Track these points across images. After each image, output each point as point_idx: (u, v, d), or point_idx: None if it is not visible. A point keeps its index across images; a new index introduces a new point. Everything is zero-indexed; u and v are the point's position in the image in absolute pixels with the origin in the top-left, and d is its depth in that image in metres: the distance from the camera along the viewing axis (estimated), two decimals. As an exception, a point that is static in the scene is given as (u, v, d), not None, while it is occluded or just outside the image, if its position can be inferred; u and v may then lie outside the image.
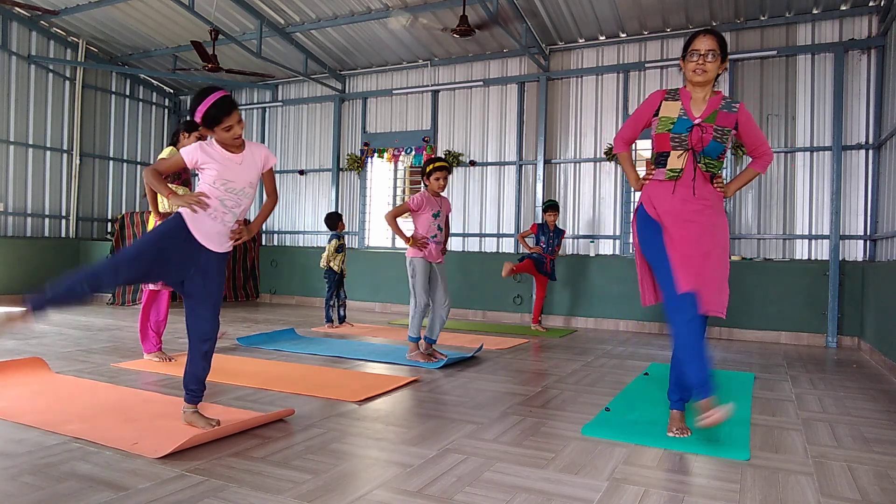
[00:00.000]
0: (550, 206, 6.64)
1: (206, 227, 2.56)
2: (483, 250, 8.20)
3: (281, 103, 9.75)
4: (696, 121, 2.70)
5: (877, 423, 3.13)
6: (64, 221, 9.00)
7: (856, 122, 6.36)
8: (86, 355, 4.42)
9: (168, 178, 4.20)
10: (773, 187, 6.72)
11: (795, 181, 6.63)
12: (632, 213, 2.93)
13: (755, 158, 2.85)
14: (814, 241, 6.54)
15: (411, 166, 8.84)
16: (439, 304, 4.56)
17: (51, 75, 8.72)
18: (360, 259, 8.65)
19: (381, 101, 9.02)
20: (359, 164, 8.99)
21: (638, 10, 6.86)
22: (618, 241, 7.43)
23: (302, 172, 9.55)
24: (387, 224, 4.57)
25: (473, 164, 8.23)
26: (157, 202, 4.07)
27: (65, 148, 8.95)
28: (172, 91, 10.45)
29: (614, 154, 3.10)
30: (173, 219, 2.56)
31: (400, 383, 3.71)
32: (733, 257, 6.69)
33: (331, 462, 2.31)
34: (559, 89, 7.84)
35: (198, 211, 2.51)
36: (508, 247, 8.05)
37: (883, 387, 4.09)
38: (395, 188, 8.98)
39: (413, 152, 8.64)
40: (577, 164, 7.70)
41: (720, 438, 2.70)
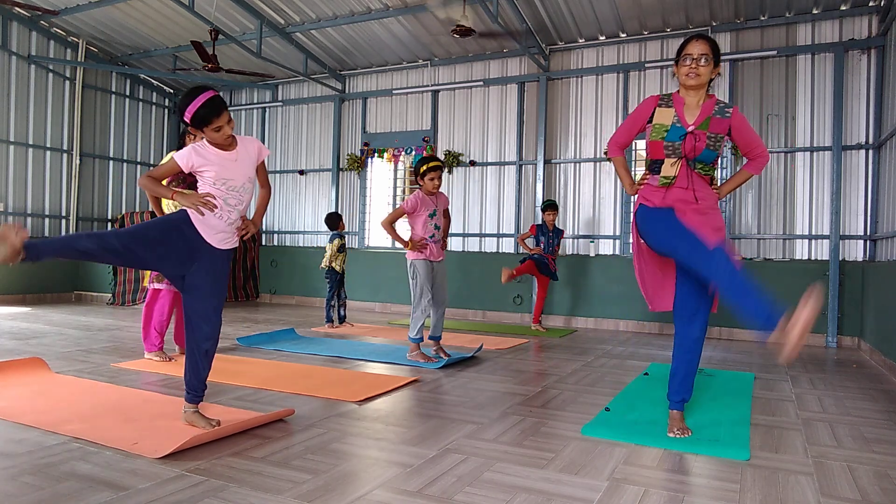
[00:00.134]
0: (549, 206, 6.63)
1: (212, 225, 2.57)
2: (483, 250, 8.20)
3: (281, 103, 9.75)
4: (690, 128, 2.71)
5: (877, 423, 3.14)
6: (64, 221, 9.00)
7: (856, 122, 6.36)
8: (86, 355, 4.42)
9: (173, 183, 4.21)
10: (773, 187, 6.72)
11: (795, 181, 6.63)
12: (631, 214, 2.93)
13: (750, 160, 2.86)
14: (814, 241, 6.54)
15: (411, 166, 8.83)
16: (439, 303, 4.58)
17: (51, 75, 8.72)
18: (360, 259, 8.65)
19: (381, 101, 9.02)
20: (359, 164, 8.99)
21: (638, 10, 6.86)
22: (618, 241, 7.43)
23: (302, 172, 9.55)
24: (384, 231, 4.54)
25: (473, 164, 8.23)
26: (162, 206, 4.06)
27: (65, 148, 8.95)
28: (172, 91, 10.44)
29: (609, 158, 3.09)
30: (180, 212, 2.57)
31: (400, 383, 3.72)
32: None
33: (331, 462, 2.31)
34: (559, 89, 7.84)
35: (204, 213, 2.52)
36: (508, 247, 8.05)
37: (883, 387, 4.09)
38: (395, 188, 8.98)
39: (413, 152, 8.64)
40: (577, 164, 7.70)
41: (720, 438, 2.70)
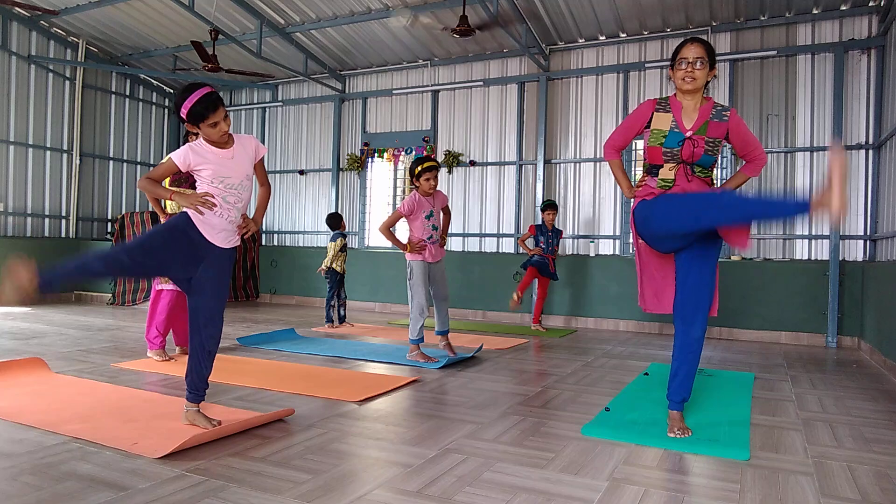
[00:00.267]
0: (549, 206, 6.63)
1: (213, 224, 2.57)
2: (483, 250, 8.20)
3: (281, 103, 9.75)
4: (688, 133, 2.71)
5: (877, 423, 3.13)
6: (64, 221, 9.00)
7: (856, 122, 6.36)
8: (86, 355, 4.42)
9: (174, 184, 4.21)
10: (772, 187, 6.71)
11: (795, 181, 6.62)
12: (631, 213, 2.93)
13: (748, 162, 2.86)
14: (814, 241, 6.54)
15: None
16: (440, 299, 4.59)
17: (51, 75, 8.72)
18: (360, 259, 8.65)
19: (381, 101, 9.02)
20: (359, 164, 8.99)
21: (638, 10, 6.86)
22: (618, 241, 7.43)
23: (302, 172, 9.55)
24: (382, 236, 4.53)
25: (473, 164, 8.23)
26: (164, 207, 4.07)
27: (65, 148, 8.95)
28: (172, 91, 10.43)
29: (607, 160, 3.08)
30: (181, 215, 2.57)
31: (400, 383, 3.71)
32: (733, 257, 6.69)
33: (331, 462, 2.31)
34: (559, 89, 7.84)
35: (204, 213, 2.52)
36: (508, 247, 8.05)
37: (883, 387, 4.09)
38: (395, 188, 8.98)
39: (413, 152, 8.64)
40: (577, 164, 7.70)
41: (720, 438, 2.70)
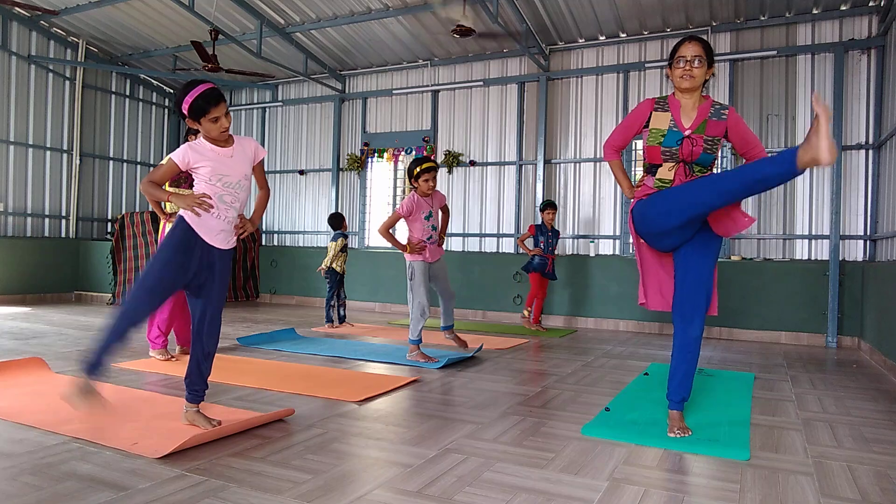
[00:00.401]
0: (548, 205, 6.64)
1: (211, 226, 2.56)
2: (483, 250, 8.20)
3: (281, 103, 9.75)
4: (687, 132, 2.71)
5: (877, 423, 3.13)
6: (64, 221, 9.00)
7: (856, 122, 6.36)
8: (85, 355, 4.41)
9: (174, 184, 4.21)
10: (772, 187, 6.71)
11: (795, 181, 6.62)
12: (629, 214, 2.94)
13: (748, 160, 2.82)
14: (814, 241, 6.54)
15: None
16: (446, 298, 4.62)
17: (51, 75, 8.72)
18: (360, 259, 8.65)
19: (381, 101, 9.02)
20: (359, 164, 8.99)
21: (638, 10, 6.86)
22: (617, 241, 7.44)
23: (302, 172, 9.55)
24: (382, 238, 4.52)
25: (473, 164, 8.23)
26: (163, 207, 4.06)
27: (65, 148, 8.95)
28: (172, 91, 10.43)
29: (607, 160, 3.09)
30: (178, 226, 2.55)
31: (400, 383, 3.71)
32: (733, 257, 6.69)
33: (331, 462, 2.31)
34: (559, 89, 7.84)
35: (200, 214, 2.51)
36: (508, 247, 8.05)
37: (883, 387, 4.09)
38: (395, 188, 8.98)
39: (413, 152, 8.64)
40: (577, 164, 7.70)
41: (720, 438, 2.70)
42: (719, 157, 6.84)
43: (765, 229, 6.73)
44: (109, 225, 9.54)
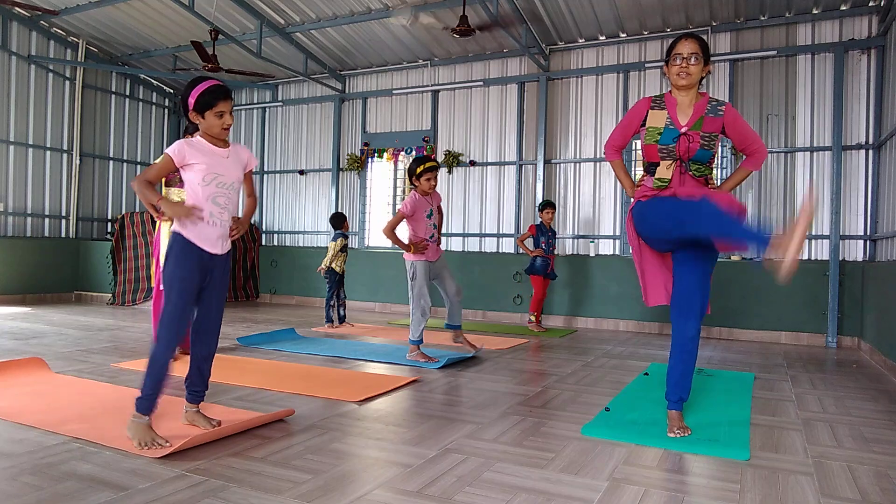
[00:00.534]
0: (547, 204, 6.64)
1: (208, 234, 2.55)
2: (483, 250, 8.20)
3: (281, 103, 9.75)
4: (683, 129, 2.72)
5: (877, 423, 3.14)
6: (64, 221, 9.00)
7: (856, 122, 6.36)
8: (86, 355, 4.42)
9: (169, 184, 4.21)
10: (773, 187, 6.72)
11: (795, 181, 6.63)
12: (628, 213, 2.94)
13: (748, 156, 2.83)
14: (814, 241, 6.54)
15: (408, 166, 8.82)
16: (453, 294, 4.57)
17: (51, 75, 8.72)
18: (360, 259, 8.65)
19: (381, 101, 9.02)
20: (359, 164, 8.99)
21: (638, 10, 6.86)
22: (618, 241, 7.44)
23: (302, 172, 9.55)
24: (386, 238, 4.46)
25: (473, 164, 8.23)
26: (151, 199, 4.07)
27: (65, 148, 8.95)
28: (172, 91, 10.44)
29: (608, 160, 3.11)
30: (176, 244, 2.52)
31: (400, 383, 3.71)
32: (733, 257, 6.69)
33: (331, 462, 2.32)
34: (559, 89, 7.84)
35: (188, 227, 2.49)
36: (508, 247, 8.05)
37: (883, 387, 4.09)
38: (395, 188, 8.98)
39: (413, 152, 8.64)
40: (577, 164, 7.70)
41: (720, 438, 2.70)
42: (719, 157, 6.85)
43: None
44: (109, 225, 9.54)
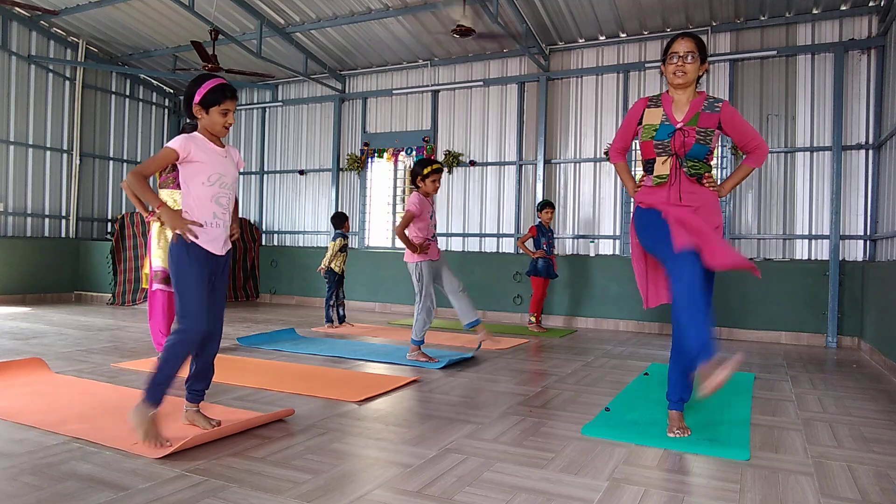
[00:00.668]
0: (547, 204, 6.64)
1: (211, 235, 2.56)
2: (483, 250, 8.19)
3: (281, 103, 9.75)
4: (679, 125, 2.72)
5: (877, 423, 3.14)
6: (64, 221, 9.00)
7: (856, 122, 6.36)
8: (86, 355, 4.42)
9: (164, 184, 4.22)
10: (773, 187, 6.72)
11: (795, 181, 6.63)
12: (631, 214, 2.96)
13: (748, 153, 2.82)
14: (814, 241, 6.54)
15: (411, 167, 8.81)
16: (457, 290, 4.54)
17: (51, 75, 8.72)
18: (360, 259, 8.64)
19: (381, 101, 9.02)
20: (359, 164, 8.99)
21: (638, 10, 6.86)
22: (618, 241, 7.44)
23: (302, 172, 9.54)
24: (399, 238, 4.39)
25: (473, 164, 8.23)
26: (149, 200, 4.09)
27: (65, 148, 8.95)
28: (172, 91, 10.44)
29: (612, 164, 3.13)
30: (181, 248, 2.49)
31: (400, 383, 3.72)
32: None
33: (331, 462, 2.32)
34: (559, 89, 7.84)
35: (191, 239, 2.48)
36: (508, 247, 8.05)
37: (883, 387, 4.09)
38: (395, 188, 8.98)
39: (413, 152, 8.64)
40: (577, 164, 7.70)
41: (720, 438, 2.70)
42: (719, 157, 6.85)
43: (765, 229, 6.73)
44: (109, 225, 9.54)
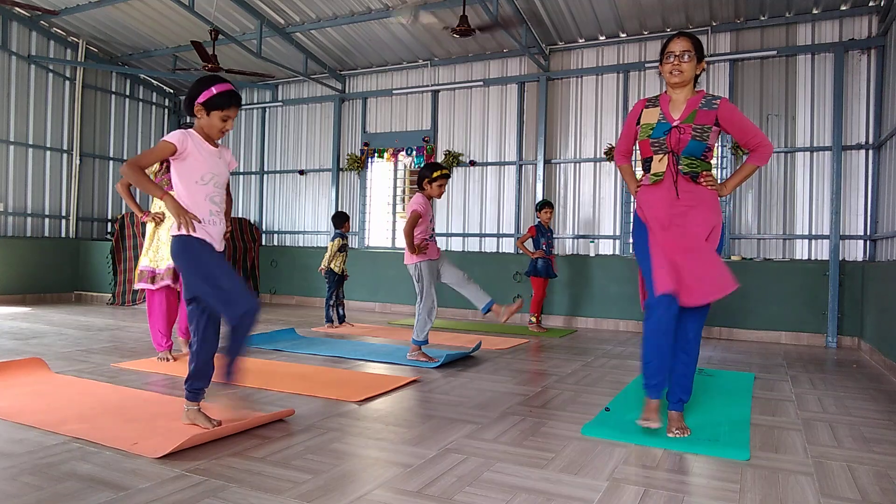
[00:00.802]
0: (546, 204, 6.64)
1: (213, 231, 2.59)
2: (483, 250, 8.19)
3: (281, 103, 9.75)
4: (675, 123, 2.73)
5: (877, 423, 3.14)
6: (64, 221, 9.00)
7: (856, 122, 6.36)
8: (86, 355, 4.42)
9: (163, 175, 4.22)
10: (773, 187, 6.72)
11: (795, 181, 6.63)
12: (631, 214, 2.98)
13: (751, 151, 2.79)
14: (814, 241, 6.54)
15: (412, 167, 8.83)
16: (463, 281, 4.52)
17: (51, 75, 8.72)
18: (360, 259, 8.64)
19: (381, 101, 9.02)
20: (359, 164, 8.99)
21: (638, 10, 6.86)
22: (618, 241, 7.44)
23: (302, 172, 9.54)
24: (406, 238, 4.38)
25: (473, 164, 8.23)
26: (149, 199, 4.11)
27: (65, 148, 8.95)
28: (172, 91, 10.44)
29: (617, 166, 3.16)
30: (186, 241, 2.52)
31: (400, 383, 3.72)
32: (733, 257, 6.69)
33: (331, 462, 2.32)
34: (559, 89, 7.84)
35: (191, 232, 2.49)
36: (508, 247, 8.05)
37: (883, 387, 4.09)
38: (395, 188, 8.98)
39: (413, 152, 8.64)
40: (577, 164, 7.70)
41: (720, 438, 2.70)
42: (718, 157, 6.85)
43: (765, 229, 6.73)
44: (109, 225, 9.55)
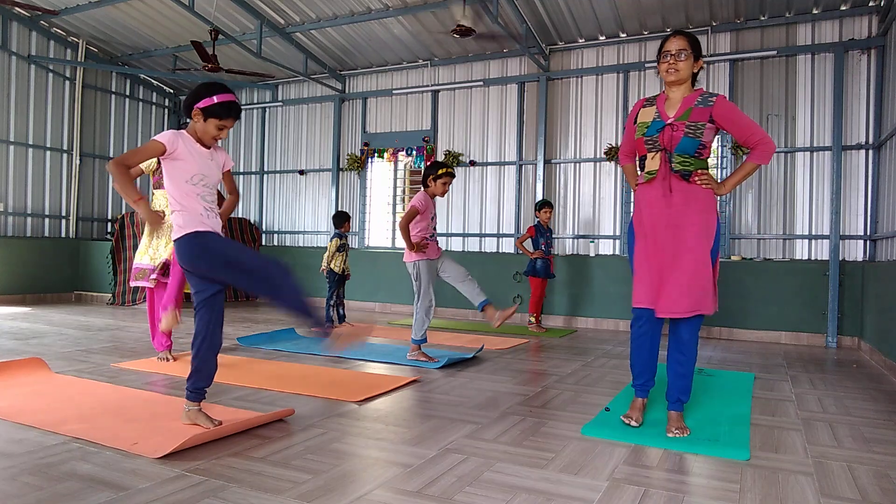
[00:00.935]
0: (546, 203, 6.64)
1: (211, 223, 2.62)
2: (483, 250, 8.19)
3: (281, 103, 9.75)
4: (669, 120, 2.73)
5: (877, 423, 3.14)
6: (64, 221, 9.00)
7: (856, 122, 6.36)
8: (86, 355, 4.42)
9: (158, 185, 4.21)
10: (773, 187, 6.72)
11: (795, 181, 6.63)
12: (631, 213, 3.01)
13: (752, 149, 2.71)
14: (814, 241, 6.54)
15: (412, 166, 8.83)
16: (464, 278, 4.50)
17: (51, 75, 8.72)
18: (360, 259, 8.64)
19: (381, 101, 9.02)
20: (359, 164, 8.99)
21: (638, 10, 6.86)
22: (617, 241, 7.43)
23: (302, 172, 9.54)
24: (401, 232, 4.38)
25: (473, 164, 8.23)
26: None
27: (65, 148, 8.95)
28: (172, 91, 10.44)
29: (620, 166, 3.21)
30: (193, 236, 2.58)
31: (400, 383, 3.72)
32: (733, 257, 6.69)
33: (331, 462, 2.32)
34: (559, 89, 7.84)
35: (201, 222, 2.59)
36: (508, 247, 8.05)
37: (883, 387, 4.09)
38: (395, 188, 8.98)
39: (413, 152, 8.64)
40: (577, 164, 7.70)
41: (720, 438, 2.70)
42: (718, 157, 6.85)
43: (765, 229, 6.73)
44: (109, 225, 9.54)
